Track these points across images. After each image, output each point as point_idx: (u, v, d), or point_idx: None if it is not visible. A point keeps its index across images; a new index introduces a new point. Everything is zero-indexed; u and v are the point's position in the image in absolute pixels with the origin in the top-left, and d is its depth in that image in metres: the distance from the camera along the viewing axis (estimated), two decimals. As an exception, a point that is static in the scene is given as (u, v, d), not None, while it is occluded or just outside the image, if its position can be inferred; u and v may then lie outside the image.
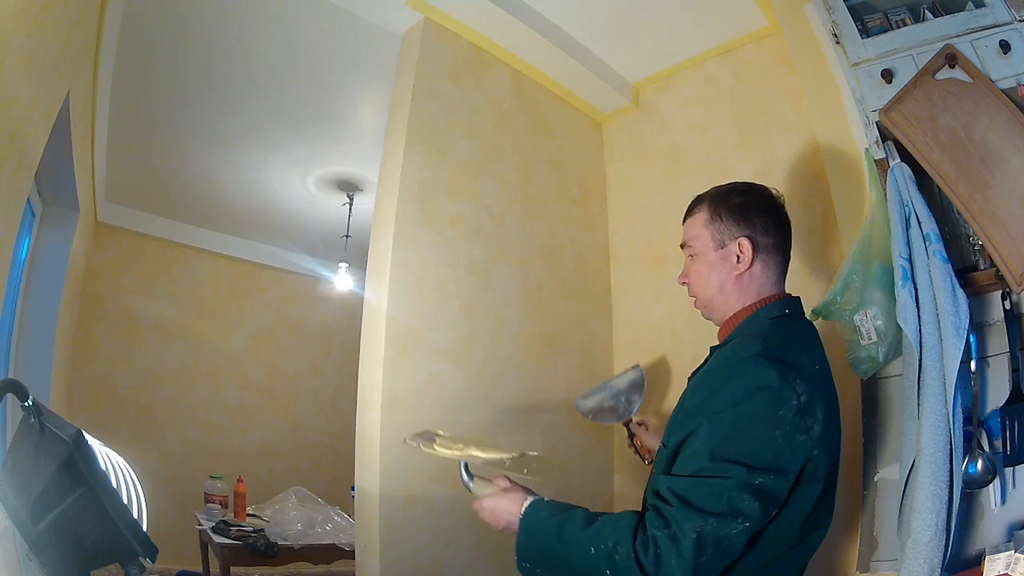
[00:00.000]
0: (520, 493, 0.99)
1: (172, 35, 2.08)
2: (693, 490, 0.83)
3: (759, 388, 0.87)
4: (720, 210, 1.07)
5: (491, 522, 1.00)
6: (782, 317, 1.02)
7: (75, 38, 1.66)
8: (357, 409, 1.63)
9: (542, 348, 1.95)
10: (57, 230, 2.47)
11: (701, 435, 0.87)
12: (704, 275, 1.08)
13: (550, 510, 0.94)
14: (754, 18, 1.89)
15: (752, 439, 0.85)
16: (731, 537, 0.81)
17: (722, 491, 0.81)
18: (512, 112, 2.02)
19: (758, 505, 0.82)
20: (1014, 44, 1.25)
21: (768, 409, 0.86)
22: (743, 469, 0.82)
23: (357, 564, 1.57)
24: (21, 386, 1.01)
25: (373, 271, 1.68)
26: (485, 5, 1.79)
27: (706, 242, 1.07)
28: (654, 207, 2.16)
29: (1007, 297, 1.23)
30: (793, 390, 0.87)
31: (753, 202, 1.07)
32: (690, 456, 0.87)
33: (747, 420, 0.86)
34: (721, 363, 0.96)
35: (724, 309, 1.08)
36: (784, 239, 1.08)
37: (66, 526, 0.92)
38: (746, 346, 0.95)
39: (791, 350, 0.94)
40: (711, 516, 0.80)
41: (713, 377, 0.95)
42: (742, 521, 0.81)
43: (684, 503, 0.82)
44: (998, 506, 1.18)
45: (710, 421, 0.87)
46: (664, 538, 0.80)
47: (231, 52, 2.20)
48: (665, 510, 0.83)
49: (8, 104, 1.20)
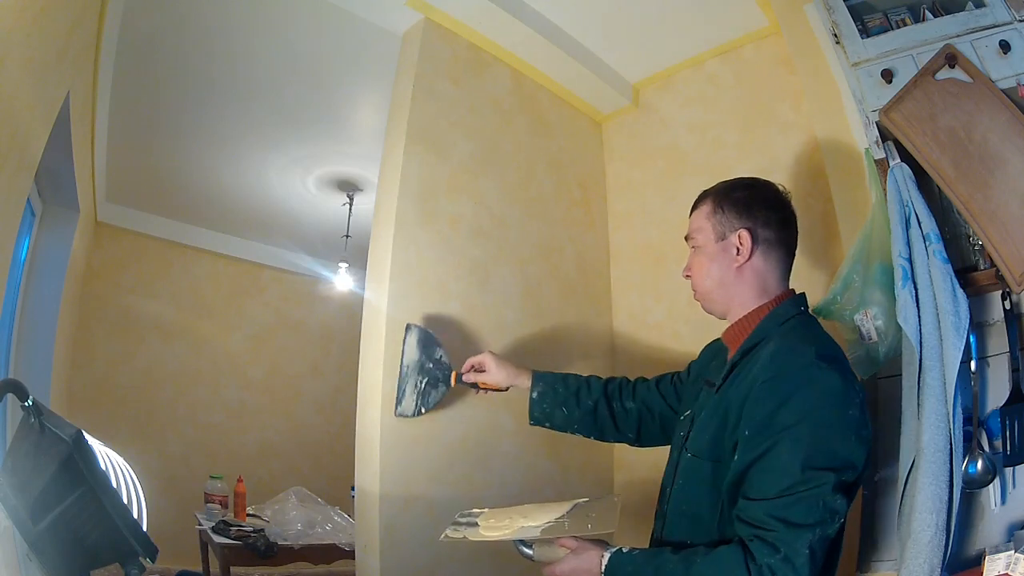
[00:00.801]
0: (593, 550, 0.94)
1: (172, 35, 2.08)
2: (791, 508, 0.84)
3: (827, 392, 0.89)
4: (723, 203, 1.08)
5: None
6: (800, 315, 1.03)
7: (75, 38, 1.66)
8: (357, 409, 1.63)
9: (542, 348, 1.95)
10: (57, 230, 2.46)
11: (783, 451, 0.86)
12: (705, 267, 1.09)
13: (635, 561, 0.91)
14: (754, 18, 1.89)
15: (834, 445, 0.87)
16: (832, 535, 0.86)
17: (817, 500, 0.84)
18: (512, 112, 2.02)
19: (847, 500, 0.87)
20: (1014, 44, 1.25)
21: (841, 412, 0.88)
22: (832, 474, 0.85)
23: (357, 564, 1.57)
24: (21, 386, 1.01)
25: (373, 271, 1.68)
26: (485, 5, 1.79)
27: (708, 234, 1.08)
28: (654, 207, 2.16)
29: (1007, 297, 1.23)
30: (854, 389, 0.91)
31: (757, 196, 1.08)
32: (776, 474, 0.86)
33: (826, 428, 0.87)
34: (780, 371, 0.92)
35: (724, 303, 1.08)
36: (787, 235, 1.08)
37: (66, 526, 0.92)
38: (795, 349, 0.94)
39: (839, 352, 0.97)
40: (815, 527, 0.83)
41: (776, 387, 0.91)
42: (838, 519, 0.86)
43: (788, 524, 0.83)
44: (998, 506, 1.18)
45: (790, 435, 0.87)
46: (778, 563, 0.81)
47: (231, 52, 2.20)
48: (769, 536, 0.83)
49: (8, 104, 1.20)
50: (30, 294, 2.34)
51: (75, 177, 2.22)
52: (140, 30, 2.03)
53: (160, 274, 3.70)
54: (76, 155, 2.09)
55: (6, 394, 1.03)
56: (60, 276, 2.47)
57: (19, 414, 1.02)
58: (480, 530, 1.04)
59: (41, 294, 2.39)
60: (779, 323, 1.02)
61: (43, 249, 2.41)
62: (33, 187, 2.09)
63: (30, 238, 2.31)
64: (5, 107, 1.19)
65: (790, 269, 1.10)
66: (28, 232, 2.27)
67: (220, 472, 2.82)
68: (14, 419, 1.43)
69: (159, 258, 3.71)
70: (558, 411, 1.33)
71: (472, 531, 1.04)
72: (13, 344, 2.24)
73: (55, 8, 1.37)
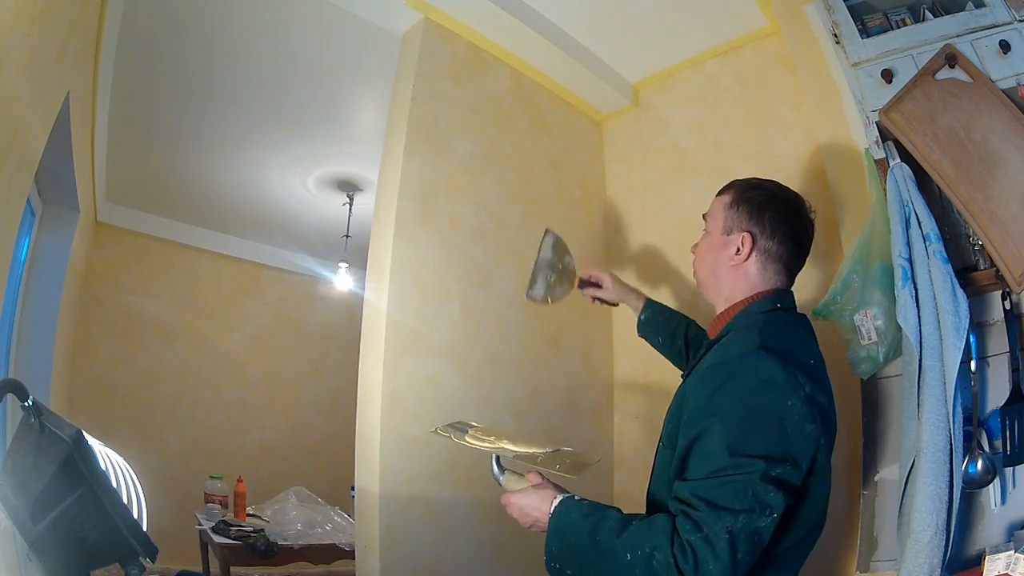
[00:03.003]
0: (550, 490, 0.97)
1: (172, 35, 2.08)
2: (717, 491, 0.83)
3: (765, 381, 0.88)
4: (741, 199, 1.08)
5: (518, 518, 0.98)
6: (774, 311, 1.02)
7: (75, 38, 1.66)
8: (357, 409, 1.63)
9: (542, 348, 1.96)
10: (57, 230, 2.46)
11: (713, 434, 0.86)
12: (705, 253, 1.11)
13: (582, 511, 0.92)
14: (754, 18, 1.89)
15: (766, 432, 0.85)
16: (761, 530, 0.82)
17: (745, 487, 0.82)
18: (512, 112, 2.02)
19: (781, 495, 0.83)
20: (1014, 44, 1.25)
21: (777, 401, 0.87)
22: (762, 462, 0.83)
23: (357, 564, 1.57)
24: (21, 386, 1.01)
25: (373, 271, 1.68)
26: (485, 5, 1.79)
27: (718, 223, 1.09)
28: (654, 207, 2.16)
29: (1007, 297, 1.23)
30: (797, 380, 0.88)
31: (772, 203, 1.06)
32: (706, 457, 0.87)
33: (758, 414, 0.86)
34: (721, 359, 0.95)
35: (714, 291, 1.10)
36: (790, 253, 1.06)
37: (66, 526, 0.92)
38: (743, 340, 0.95)
39: (788, 342, 0.95)
40: (740, 513, 0.81)
41: (715, 374, 0.93)
42: (769, 513, 0.82)
43: (711, 506, 0.82)
44: (998, 506, 1.18)
45: (720, 419, 0.87)
46: (699, 542, 0.80)
47: (231, 52, 2.20)
48: (694, 515, 0.83)
49: (8, 104, 1.21)
50: (30, 294, 2.34)
51: (75, 177, 2.22)
52: (140, 30, 2.03)
53: (160, 274, 3.70)
54: (76, 155, 2.08)
55: (6, 394, 1.03)
56: (60, 276, 2.47)
57: (19, 414, 1.02)
58: (467, 437, 1.10)
59: (41, 294, 2.39)
60: (749, 316, 1.02)
61: (43, 249, 2.40)
62: (33, 187, 2.09)
63: (30, 238, 2.31)
64: (5, 107, 1.19)
65: (791, 281, 1.08)
66: (28, 232, 2.27)
67: (220, 472, 2.82)
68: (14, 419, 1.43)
69: (159, 258, 3.70)
70: (654, 338, 1.50)
71: (459, 435, 1.10)
72: (13, 344, 2.23)
73: (55, 8, 1.37)
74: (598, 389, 2.12)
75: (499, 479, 1.04)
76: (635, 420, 2.08)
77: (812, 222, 1.09)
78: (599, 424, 2.10)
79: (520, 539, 1.54)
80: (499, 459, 1.05)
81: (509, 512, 0.99)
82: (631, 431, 2.09)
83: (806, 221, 1.08)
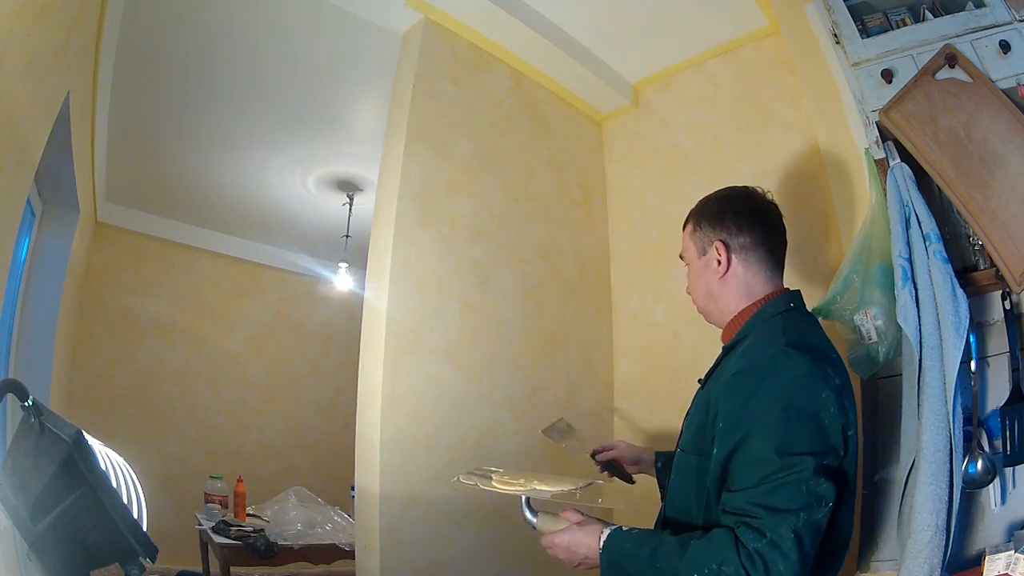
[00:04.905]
0: (596, 525, 0.95)
1: (172, 35, 2.08)
2: (772, 495, 0.84)
3: (796, 378, 0.90)
4: (700, 220, 1.11)
5: (565, 558, 0.96)
6: (788, 311, 1.03)
7: (75, 38, 1.65)
8: (357, 409, 1.63)
9: (542, 348, 1.95)
10: (57, 230, 2.46)
11: (757, 440, 0.87)
12: (695, 284, 1.13)
13: (634, 540, 0.92)
14: (754, 18, 1.89)
15: (807, 428, 0.87)
16: (819, 521, 0.85)
17: (799, 485, 0.84)
18: (512, 112, 2.02)
19: (832, 485, 0.86)
20: (1014, 44, 1.25)
21: (812, 396, 0.89)
22: (810, 458, 0.85)
23: (357, 564, 1.57)
24: (21, 386, 1.01)
25: (373, 271, 1.68)
26: (485, 5, 1.79)
27: (692, 252, 1.12)
28: (654, 207, 2.16)
29: (1007, 297, 1.23)
30: (827, 374, 0.90)
31: (727, 205, 1.09)
32: (753, 463, 0.87)
33: (797, 412, 0.88)
34: (748, 364, 0.95)
35: (719, 312, 1.10)
36: (763, 235, 1.07)
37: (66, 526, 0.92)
38: (767, 342, 0.96)
39: (812, 339, 0.97)
40: (800, 512, 0.83)
41: (745, 379, 0.93)
42: (825, 504, 0.85)
43: (771, 511, 0.83)
44: (998, 506, 1.18)
45: (761, 424, 0.88)
46: (765, 547, 0.81)
47: (231, 52, 2.20)
48: (755, 523, 0.83)
49: (8, 104, 1.20)
50: (30, 294, 2.34)
51: (75, 177, 2.22)
52: (140, 30, 2.03)
53: (160, 274, 3.70)
54: (76, 155, 2.08)
55: (6, 394, 1.03)
56: (60, 276, 2.47)
57: (19, 414, 1.02)
58: (493, 482, 1.05)
59: (41, 294, 2.39)
60: (765, 319, 1.03)
61: (43, 249, 2.40)
62: (33, 187, 2.09)
63: (30, 238, 2.31)
64: (5, 107, 1.19)
65: (780, 264, 1.09)
66: (28, 232, 2.27)
67: (220, 472, 2.82)
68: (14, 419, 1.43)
69: (159, 258, 3.70)
70: None
71: (485, 482, 1.05)
72: (13, 344, 2.23)
73: (55, 8, 1.37)
74: (598, 389, 2.12)
75: (533, 523, 0.99)
76: (635, 420, 2.08)
77: (770, 201, 1.10)
78: (599, 424, 2.10)
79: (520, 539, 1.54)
80: (529, 501, 1.00)
81: (554, 554, 0.97)
82: (631, 431, 2.09)
83: (762, 202, 1.10)
